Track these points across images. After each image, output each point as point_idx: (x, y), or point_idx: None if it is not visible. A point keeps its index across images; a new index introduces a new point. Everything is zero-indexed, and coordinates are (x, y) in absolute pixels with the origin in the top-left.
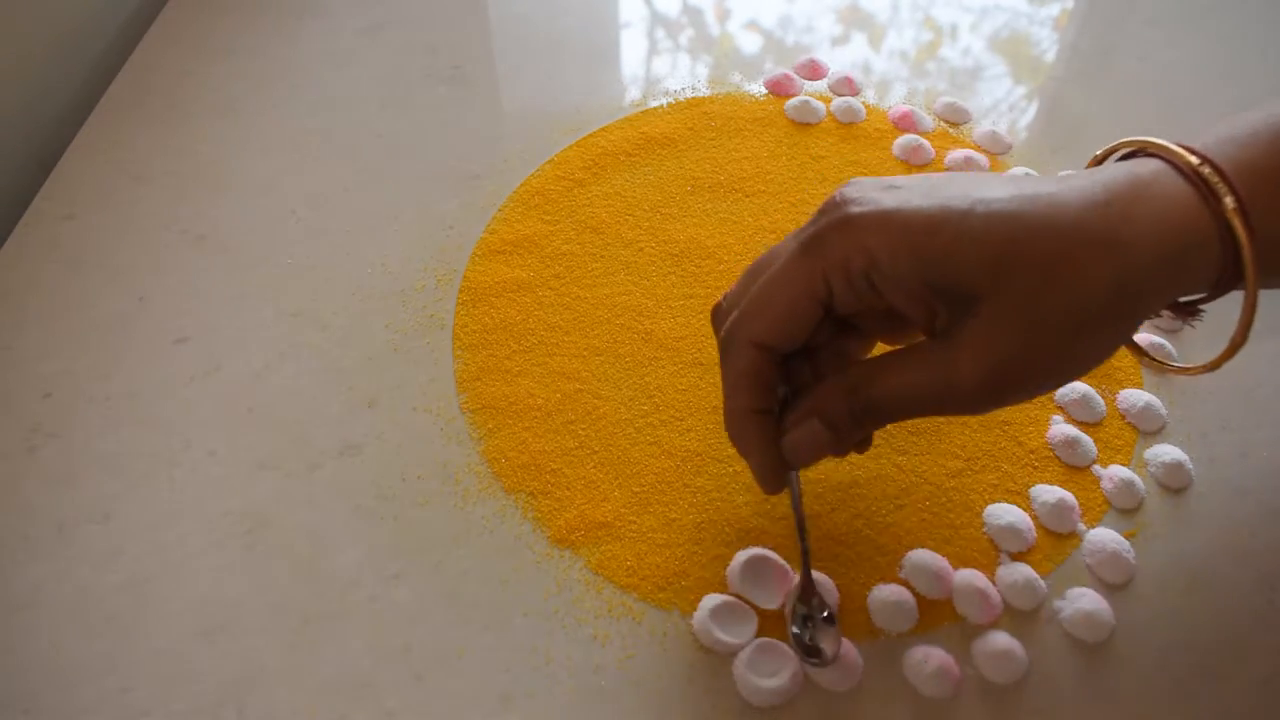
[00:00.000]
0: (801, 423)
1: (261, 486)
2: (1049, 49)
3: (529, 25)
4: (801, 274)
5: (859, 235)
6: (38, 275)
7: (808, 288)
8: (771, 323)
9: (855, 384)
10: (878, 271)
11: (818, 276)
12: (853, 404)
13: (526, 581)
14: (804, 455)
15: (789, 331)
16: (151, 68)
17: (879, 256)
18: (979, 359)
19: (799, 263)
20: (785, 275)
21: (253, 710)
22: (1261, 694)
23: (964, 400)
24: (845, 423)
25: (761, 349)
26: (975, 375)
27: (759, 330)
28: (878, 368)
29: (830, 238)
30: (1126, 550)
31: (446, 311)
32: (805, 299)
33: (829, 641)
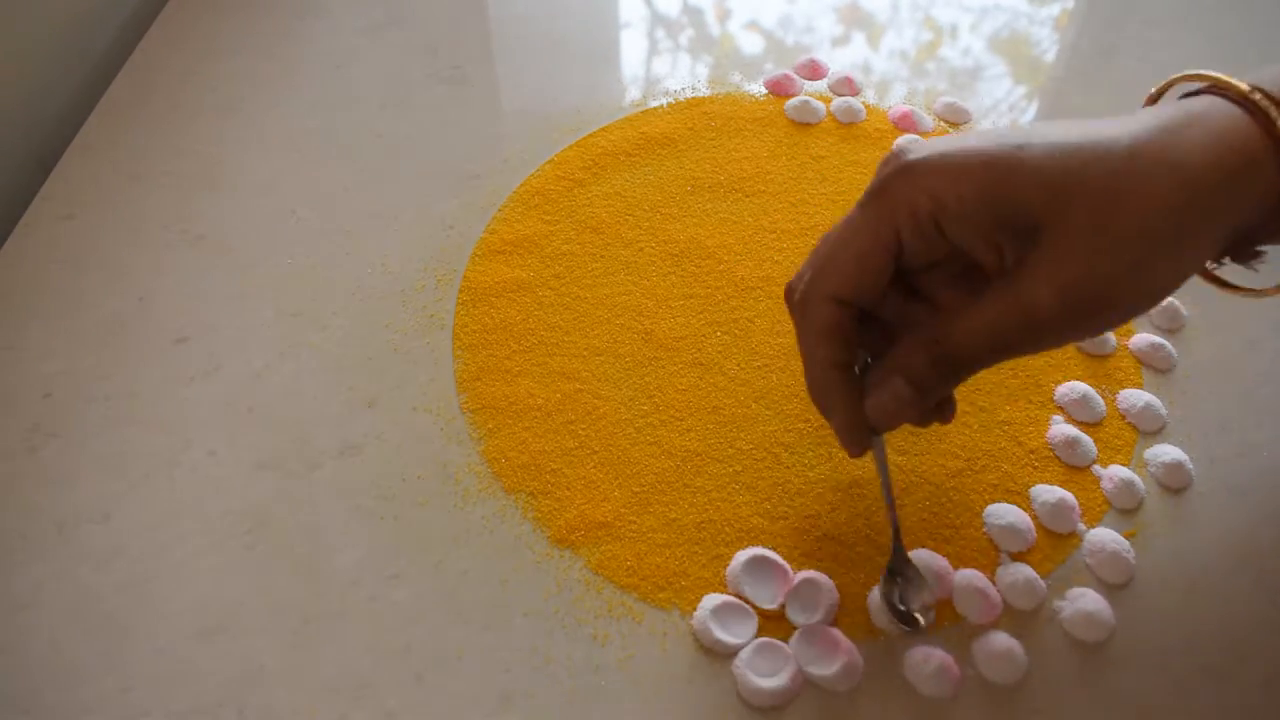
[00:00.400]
0: (884, 382)
1: (261, 486)
2: (1049, 49)
3: (529, 25)
4: (869, 224)
5: (921, 179)
6: (38, 275)
7: (877, 237)
8: (846, 275)
9: (934, 335)
10: (944, 212)
11: (886, 224)
12: (934, 355)
13: (526, 581)
14: (888, 416)
15: (863, 283)
16: (152, 68)
17: (943, 197)
18: (1052, 284)
19: (866, 214)
20: (853, 228)
21: (253, 710)
22: (1262, 695)
23: (1044, 329)
24: (929, 376)
25: (838, 303)
26: (1050, 300)
27: (834, 285)
28: (954, 315)
29: (894, 185)
30: (1126, 550)
31: (446, 311)
32: (876, 249)
33: (919, 600)
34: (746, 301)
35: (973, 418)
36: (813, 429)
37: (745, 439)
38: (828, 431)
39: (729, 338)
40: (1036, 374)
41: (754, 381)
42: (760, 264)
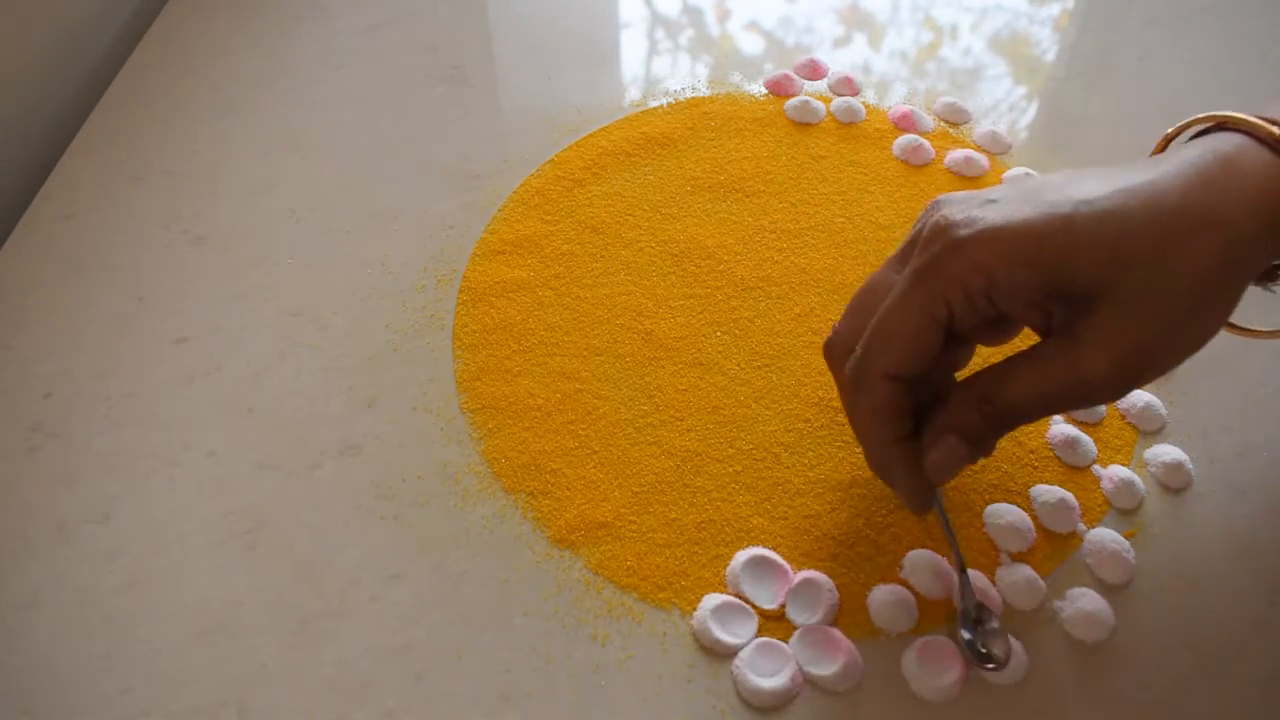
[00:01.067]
0: (939, 441)
1: (261, 486)
2: (1049, 49)
3: (529, 25)
4: (922, 301)
5: (973, 255)
6: (38, 275)
7: (930, 314)
8: (901, 353)
9: (984, 394)
10: (995, 288)
11: (939, 301)
12: (985, 414)
13: (526, 581)
14: (946, 472)
15: (917, 359)
16: (151, 68)
17: (996, 273)
18: (1106, 352)
19: (918, 291)
20: (906, 305)
21: (253, 710)
22: (1262, 694)
23: (1095, 393)
24: (981, 433)
25: (894, 380)
26: (1104, 368)
27: (889, 362)
28: (1004, 375)
29: (946, 262)
30: (1126, 550)
31: (446, 311)
32: (929, 325)
33: (999, 645)
34: (746, 301)
35: None
36: (813, 429)
37: (745, 439)
38: (827, 431)
39: (729, 338)
40: None
41: (754, 381)
42: (760, 264)
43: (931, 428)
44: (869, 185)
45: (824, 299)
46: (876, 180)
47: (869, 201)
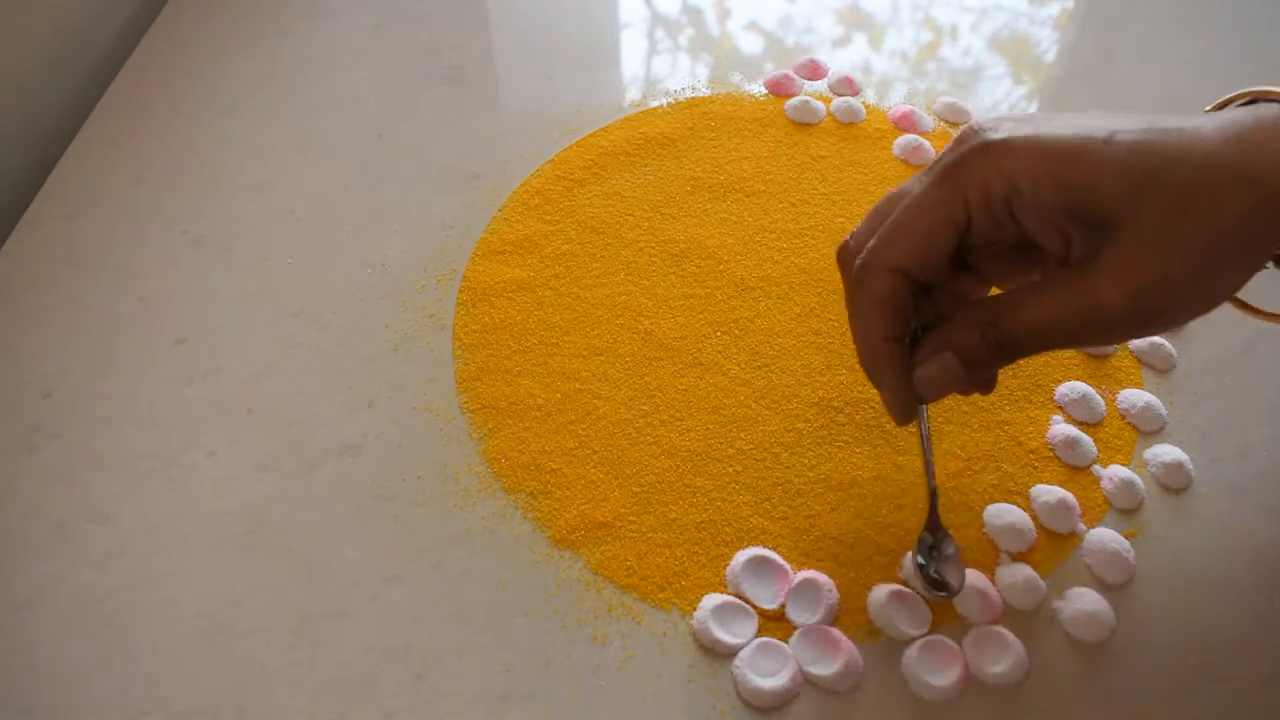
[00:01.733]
0: (934, 356)
1: (261, 486)
2: (1049, 49)
3: (529, 25)
4: (942, 199)
5: (1000, 160)
6: (38, 275)
7: (947, 213)
8: (911, 248)
9: (991, 317)
10: (1018, 197)
11: (958, 202)
12: (989, 337)
13: (526, 581)
14: (936, 388)
15: (927, 257)
16: (151, 68)
17: (1020, 182)
18: (1122, 283)
19: (939, 188)
20: (924, 201)
21: (253, 710)
22: (1262, 694)
23: (1108, 325)
24: (981, 355)
25: (899, 275)
26: (1119, 299)
27: (898, 256)
28: (1015, 299)
29: (971, 163)
30: (1126, 550)
31: (446, 311)
32: (944, 225)
33: (954, 574)
34: (746, 301)
35: (973, 418)
36: (813, 429)
37: (745, 439)
38: (827, 431)
39: (729, 338)
40: (1036, 374)
41: (754, 381)
42: (760, 264)
43: (928, 341)
44: (869, 185)
45: (824, 299)
46: (876, 180)
47: (869, 201)
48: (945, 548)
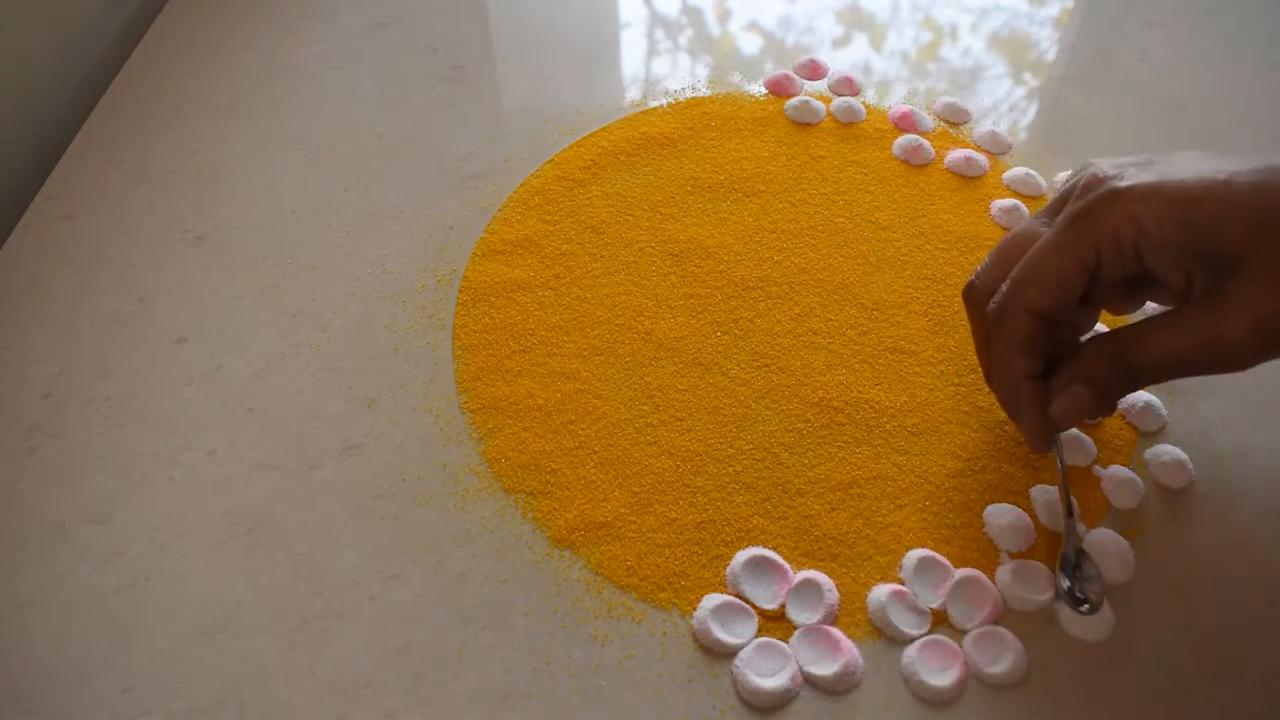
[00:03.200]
0: (1067, 388)
1: (261, 486)
2: (1049, 49)
3: (529, 25)
4: (1074, 244)
5: (1128, 207)
6: (38, 275)
7: (1079, 257)
8: (1047, 291)
9: (1119, 349)
10: (1146, 240)
11: (1088, 246)
12: (1119, 368)
13: (526, 581)
14: (1070, 418)
15: (1061, 299)
16: (151, 68)
17: (1148, 226)
18: (1247, 316)
19: (1071, 234)
20: (1058, 246)
21: (253, 710)
22: (1262, 694)
23: (1234, 357)
24: (1110, 386)
25: (1036, 316)
26: (1244, 331)
27: (1035, 299)
28: (1142, 333)
29: (1101, 210)
30: (1126, 550)
31: (446, 311)
32: (1077, 268)
33: (1094, 589)
34: (746, 301)
35: (973, 418)
36: (813, 429)
37: (745, 439)
38: (827, 431)
39: (729, 338)
40: None
41: (754, 381)
42: (760, 264)
43: (1062, 375)
44: (869, 185)
45: (824, 299)
46: (876, 180)
47: (869, 201)
48: (1086, 569)
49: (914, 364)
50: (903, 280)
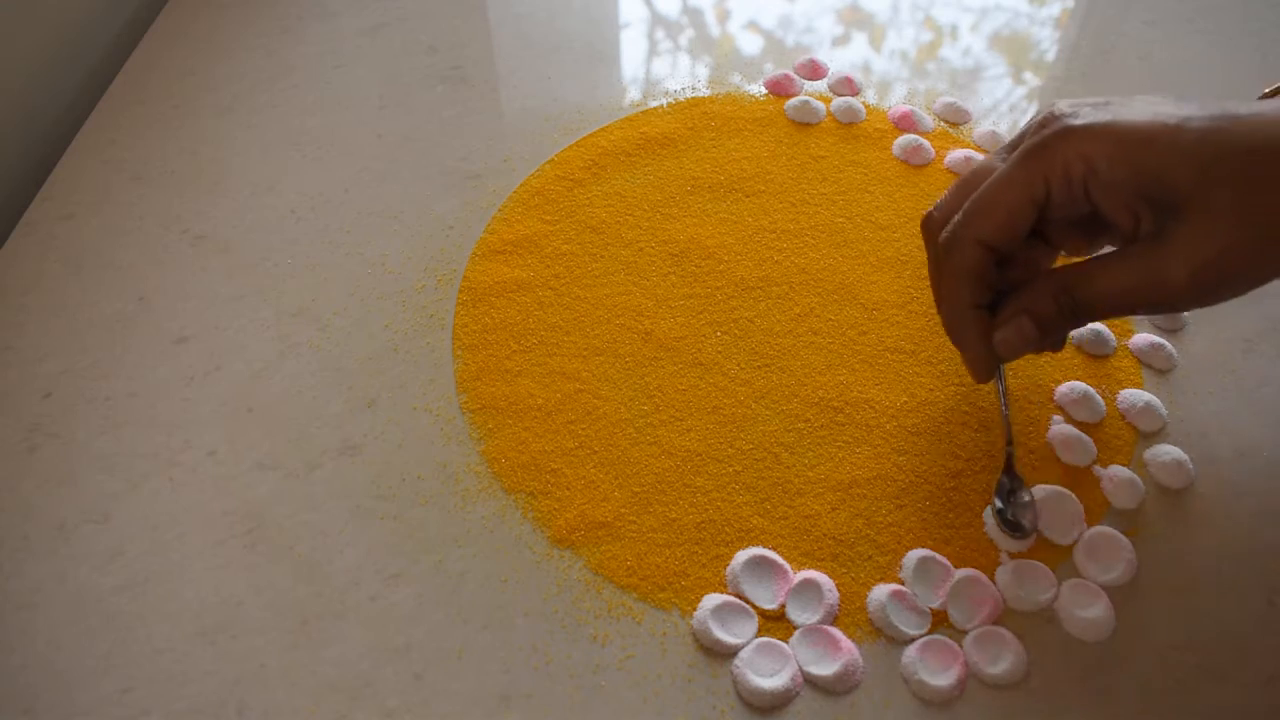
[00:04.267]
0: (1012, 320)
1: (261, 486)
2: (1049, 49)
3: (529, 25)
4: (1025, 178)
5: (1080, 144)
6: (38, 275)
7: (1029, 191)
8: (996, 223)
9: (1065, 285)
10: (1095, 178)
11: (1039, 181)
12: (1062, 303)
13: (526, 581)
14: (1013, 349)
15: (1010, 231)
16: (151, 68)
17: (1098, 164)
18: (1189, 258)
19: (1022, 169)
20: (1009, 180)
21: (253, 710)
22: (1262, 694)
23: (1173, 297)
24: (1054, 320)
25: (985, 247)
26: (1185, 273)
27: (984, 229)
28: (1087, 270)
29: (1053, 145)
30: (1127, 550)
31: (446, 311)
32: (1026, 202)
33: (1028, 517)
34: (746, 301)
35: (973, 418)
36: (813, 429)
37: (745, 439)
38: (827, 431)
39: (729, 338)
40: (1036, 374)
41: (754, 381)
42: (760, 264)
43: (1008, 307)
44: (869, 185)
45: (824, 299)
46: (876, 180)
47: (869, 201)
48: (1021, 495)
49: (914, 364)
50: (903, 280)
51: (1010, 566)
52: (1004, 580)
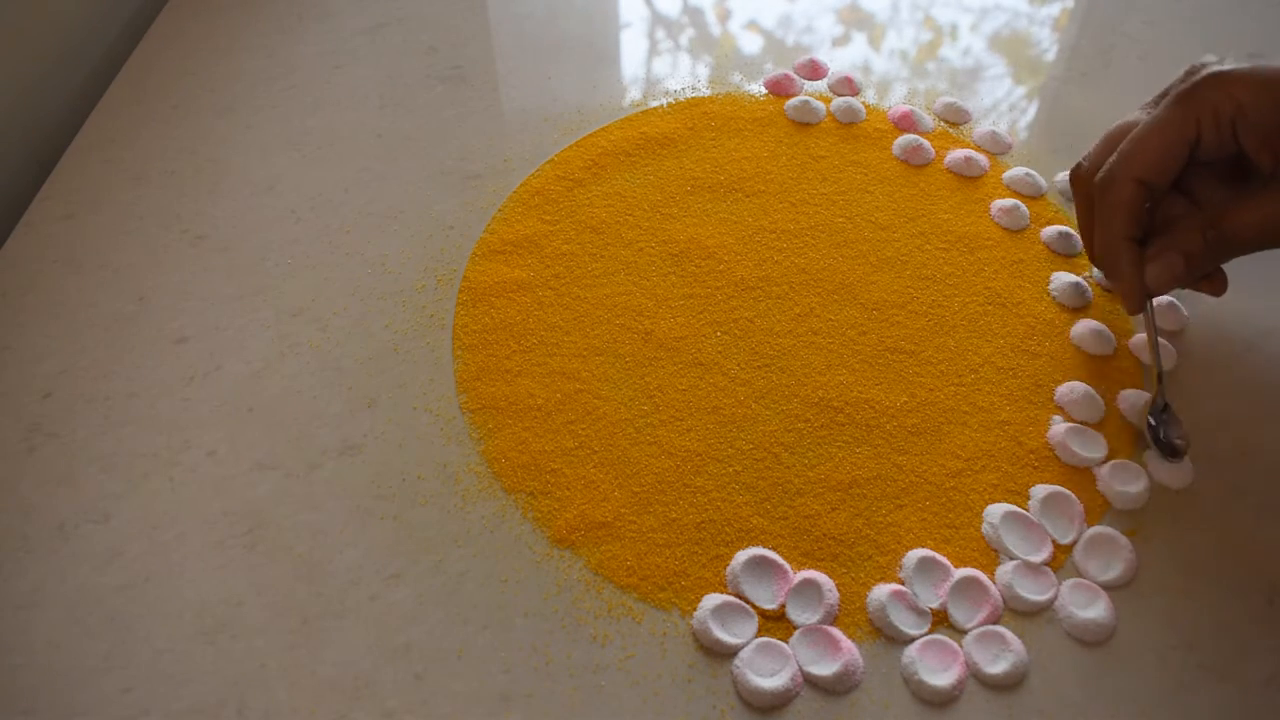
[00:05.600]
0: (1163, 255)
1: (261, 486)
2: (1049, 49)
3: (529, 25)
4: (1177, 120)
5: (1228, 87)
6: (38, 275)
7: (1182, 131)
8: (1151, 161)
9: (1210, 221)
10: (1242, 118)
11: (1191, 121)
12: (1209, 238)
13: (526, 581)
14: (1163, 282)
15: (1164, 169)
16: (151, 68)
17: (1245, 103)
18: None
19: (1175, 110)
20: (1163, 121)
21: (253, 710)
22: (1262, 694)
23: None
24: (1201, 254)
25: (1140, 184)
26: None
27: (1139, 167)
28: (1230, 207)
29: (1204, 89)
30: (1127, 550)
31: (446, 311)
32: (1179, 141)
33: (1181, 435)
34: (746, 301)
35: (973, 418)
36: (813, 429)
37: (745, 439)
38: (827, 431)
39: (729, 338)
40: (1037, 374)
41: (754, 381)
42: (760, 264)
43: (1157, 244)
44: (869, 185)
45: (824, 299)
46: (876, 180)
47: (869, 201)
48: (1165, 414)
49: (914, 364)
50: (903, 280)
51: (1010, 566)
52: (1004, 580)
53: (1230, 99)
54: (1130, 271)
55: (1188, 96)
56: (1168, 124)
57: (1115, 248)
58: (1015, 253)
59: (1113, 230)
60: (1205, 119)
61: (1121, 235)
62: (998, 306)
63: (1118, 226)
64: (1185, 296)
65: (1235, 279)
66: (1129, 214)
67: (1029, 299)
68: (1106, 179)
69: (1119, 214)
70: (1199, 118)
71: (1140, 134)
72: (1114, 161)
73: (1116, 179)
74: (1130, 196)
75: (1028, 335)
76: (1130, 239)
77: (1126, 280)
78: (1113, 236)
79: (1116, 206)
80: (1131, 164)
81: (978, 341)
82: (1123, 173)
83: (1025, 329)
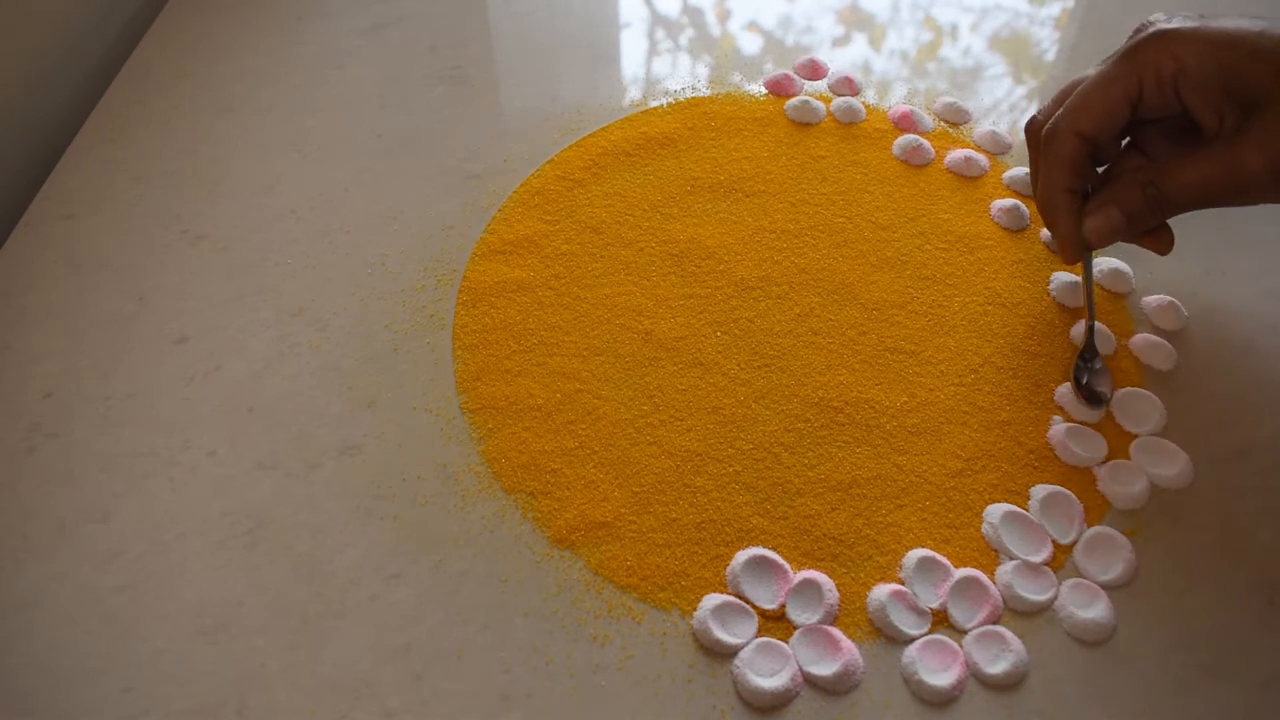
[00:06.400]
0: (1102, 209)
1: (261, 486)
2: (1049, 49)
3: (529, 25)
4: (1120, 76)
5: (1172, 45)
6: (38, 275)
7: (1124, 88)
8: (1093, 116)
9: (1150, 178)
10: (1184, 76)
11: (1133, 79)
12: (1148, 194)
13: (526, 581)
14: (1101, 235)
15: (1106, 124)
16: (151, 68)
17: (1188, 62)
18: (1265, 148)
19: (1118, 66)
20: (1107, 77)
21: (253, 710)
22: (1262, 694)
23: (1250, 185)
24: (1140, 209)
25: (1081, 138)
26: (1262, 162)
27: (1082, 122)
28: (1170, 165)
29: (1147, 46)
30: (1127, 550)
31: (446, 311)
32: (1121, 98)
33: (1105, 385)
34: (746, 301)
35: (973, 418)
36: (813, 429)
37: (745, 439)
38: (827, 431)
39: (729, 338)
40: (1036, 374)
41: (754, 381)
42: (760, 264)
43: (1097, 197)
44: (869, 185)
45: (824, 299)
46: (876, 180)
47: (869, 201)
48: (1095, 363)
49: (914, 364)
50: (903, 280)
51: (1010, 566)
52: (1004, 580)
53: (1173, 58)
54: (1067, 222)
55: (1131, 54)
56: (1110, 81)
57: (1054, 199)
58: (1015, 253)
59: (1052, 182)
60: (1147, 77)
61: (1060, 187)
62: (998, 306)
63: (1057, 178)
64: (1185, 296)
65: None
66: (1069, 166)
67: (1029, 299)
68: (1050, 132)
69: (1059, 166)
70: (1141, 76)
71: (1084, 89)
72: (1058, 115)
73: (1059, 132)
74: (1071, 150)
75: (1028, 335)
76: (1069, 191)
77: (1063, 231)
78: (1052, 188)
79: (1057, 159)
80: (1073, 118)
81: (978, 341)
82: (1065, 126)
83: (1025, 329)
